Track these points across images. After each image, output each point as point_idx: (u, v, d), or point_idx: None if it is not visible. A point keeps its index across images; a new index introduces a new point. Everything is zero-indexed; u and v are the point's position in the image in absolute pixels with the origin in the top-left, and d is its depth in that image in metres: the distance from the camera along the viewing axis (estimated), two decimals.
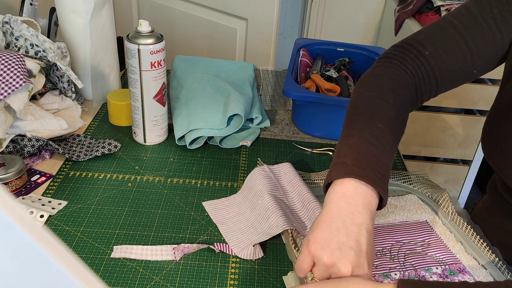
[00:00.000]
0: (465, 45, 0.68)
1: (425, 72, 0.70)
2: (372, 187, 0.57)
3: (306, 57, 1.12)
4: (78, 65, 1.02)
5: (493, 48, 0.67)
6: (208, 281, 0.64)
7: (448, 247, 0.69)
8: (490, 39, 0.67)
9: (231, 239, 0.71)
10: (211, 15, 1.80)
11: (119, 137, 0.95)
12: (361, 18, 2.33)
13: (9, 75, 0.81)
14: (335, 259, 0.52)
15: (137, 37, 0.82)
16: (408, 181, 0.84)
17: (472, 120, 1.94)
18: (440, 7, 1.80)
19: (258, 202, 0.75)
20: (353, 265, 0.52)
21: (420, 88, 0.71)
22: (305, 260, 0.55)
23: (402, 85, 0.68)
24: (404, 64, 0.70)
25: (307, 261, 0.55)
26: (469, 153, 2.02)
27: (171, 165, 0.88)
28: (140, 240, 0.70)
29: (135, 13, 2.03)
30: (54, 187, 0.80)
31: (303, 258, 0.55)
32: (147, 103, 0.88)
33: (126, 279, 0.63)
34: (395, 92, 0.67)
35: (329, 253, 0.52)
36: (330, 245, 0.53)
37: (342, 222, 0.55)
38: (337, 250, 0.52)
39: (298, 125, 1.02)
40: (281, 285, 0.64)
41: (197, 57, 1.16)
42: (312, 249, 0.54)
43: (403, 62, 0.70)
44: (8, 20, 0.91)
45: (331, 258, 0.52)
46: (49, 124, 0.87)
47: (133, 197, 0.79)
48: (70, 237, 0.70)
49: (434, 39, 0.69)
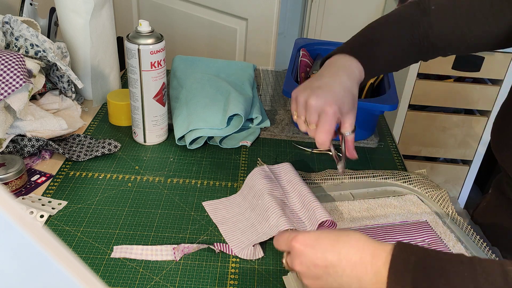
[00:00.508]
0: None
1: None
2: (354, 57, 0.70)
3: (306, 57, 1.12)
4: (78, 65, 1.02)
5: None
6: (208, 281, 0.64)
7: (448, 247, 0.69)
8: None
9: (231, 239, 0.71)
10: (211, 15, 1.80)
11: (119, 137, 0.95)
12: (361, 18, 2.33)
13: (9, 75, 0.81)
14: (306, 96, 0.66)
15: (137, 37, 0.82)
16: (408, 181, 0.84)
17: (472, 120, 1.94)
18: None
19: (258, 202, 0.75)
20: (323, 99, 0.64)
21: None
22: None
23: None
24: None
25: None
26: (469, 153, 2.02)
27: (171, 165, 0.88)
28: (140, 240, 0.70)
29: (135, 13, 2.03)
30: (54, 187, 0.80)
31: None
32: (147, 103, 0.88)
33: (126, 279, 0.63)
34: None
35: (302, 91, 0.67)
36: (305, 89, 0.67)
37: (319, 75, 0.69)
38: (309, 89, 0.66)
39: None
40: (281, 285, 0.64)
41: (197, 57, 1.16)
42: (294, 95, 0.70)
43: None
44: (8, 20, 0.91)
45: (303, 96, 0.66)
46: (49, 124, 0.87)
47: (133, 197, 0.79)
48: (70, 237, 0.70)
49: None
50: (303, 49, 1.13)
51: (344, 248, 0.50)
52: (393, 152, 0.98)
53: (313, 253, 0.51)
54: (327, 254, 0.50)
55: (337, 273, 0.50)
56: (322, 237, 0.52)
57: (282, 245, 0.56)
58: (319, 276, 0.51)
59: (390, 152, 0.98)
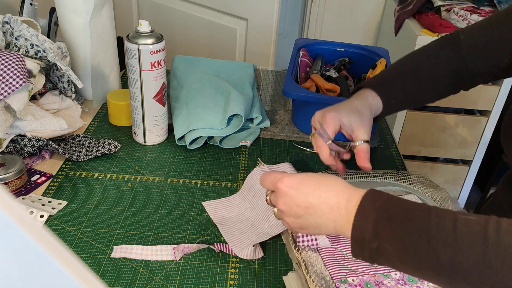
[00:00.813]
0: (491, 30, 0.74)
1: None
2: (370, 89, 0.76)
3: (306, 57, 1.11)
4: (78, 65, 1.02)
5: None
6: (208, 281, 0.64)
7: None
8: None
9: (231, 239, 0.71)
10: (211, 15, 1.80)
11: (119, 137, 0.95)
12: (361, 18, 2.33)
13: (9, 75, 0.81)
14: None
15: (137, 37, 0.82)
16: (408, 181, 0.84)
17: (472, 120, 1.94)
18: (440, 7, 1.80)
19: (258, 202, 0.75)
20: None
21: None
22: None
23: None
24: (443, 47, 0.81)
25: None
26: (469, 153, 2.02)
27: (171, 165, 0.88)
28: (140, 240, 0.70)
29: (135, 13, 2.03)
30: (54, 187, 0.80)
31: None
32: (147, 103, 0.88)
33: (126, 279, 0.63)
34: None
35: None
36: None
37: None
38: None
39: (298, 125, 1.02)
40: (281, 285, 0.64)
41: (197, 57, 1.16)
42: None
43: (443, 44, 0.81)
44: (8, 20, 0.91)
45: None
46: (49, 124, 0.87)
47: (133, 197, 0.79)
48: (70, 237, 0.70)
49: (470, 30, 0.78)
50: (303, 49, 1.13)
51: (324, 192, 0.55)
52: (393, 152, 0.98)
53: (297, 195, 0.56)
54: (309, 197, 0.56)
55: (316, 214, 0.56)
56: (306, 181, 0.57)
57: (268, 184, 0.61)
58: (300, 215, 0.57)
59: (390, 152, 0.98)
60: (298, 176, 0.58)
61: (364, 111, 0.73)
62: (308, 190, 0.56)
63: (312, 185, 0.56)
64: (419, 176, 0.85)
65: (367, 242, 0.50)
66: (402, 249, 0.49)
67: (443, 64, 0.78)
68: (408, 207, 0.50)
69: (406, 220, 0.49)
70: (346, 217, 0.53)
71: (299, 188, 0.56)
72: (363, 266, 0.65)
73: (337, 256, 0.66)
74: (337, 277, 0.63)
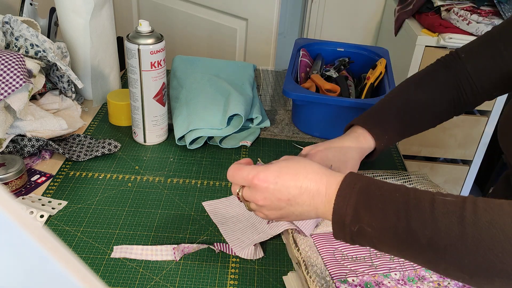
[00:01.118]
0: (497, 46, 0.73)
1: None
2: (363, 128, 0.77)
3: (306, 57, 1.11)
4: (78, 65, 1.02)
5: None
6: (208, 281, 0.64)
7: None
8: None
9: (231, 239, 0.71)
10: (211, 15, 1.80)
11: (119, 137, 0.95)
12: (361, 18, 2.33)
13: (9, 75, 0.81)
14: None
15: (137, 37, 0.82)
16: (408, 181, 0.84)
17: (472, 120, 1.94)
18: (440, 7, 1.80)
19: None
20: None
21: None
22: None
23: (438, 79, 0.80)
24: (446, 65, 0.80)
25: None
26: (469, 153, 2.02)
27: (171, 165, 0.88)
28: (140, 240, 0.70)
29: (135, 13, 2.03)
30: (54, 187, 0.80)
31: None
32: (147, 103, 0.88)
33: (126, 279, 0.63)
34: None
35: None
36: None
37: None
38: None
39: (298, 125, 1.02)
40: (281, 285, 0.64)
41: (197, 57, 1.16)
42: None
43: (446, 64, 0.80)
44: (8, 20, 0.91)
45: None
46: (49, 124, 0.87)
47: (133, 197, 0.79)
48: (70, 237, 0.70)
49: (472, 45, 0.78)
50: (303, 49, 1.13)
51: (304, 181, 0.56)
52: (393, 152, 0.98)
53: (277, 189, 0.56)
54: (290, 189, 0.56)
55: (298, 204, 0.56)
56: (283, 173, 0.57)
57: (240, 181, 0.59)
58: (281, 207, 0.57)
59: (390, 152, 0.98)
60: (273, 169, 0.57)
61: (351, 155, 0.75)
62: (287, 182, 0.56)
63: (290, 176, 0.56)
64: (419, 176, 0.85)
65: (348, 225, 0.52)
66: (382, 231, 0.50)
67: (440, 92, 0.78)
68: (387, 189, 0.51)
69: (385, 202, 0.50)
70: (328, 204, 0.54)
71: (278, 182, 0.56)
72: (363, 266, 0.65)
73: (337, 256, 0.67)
74: (337, 277, 0.63)
